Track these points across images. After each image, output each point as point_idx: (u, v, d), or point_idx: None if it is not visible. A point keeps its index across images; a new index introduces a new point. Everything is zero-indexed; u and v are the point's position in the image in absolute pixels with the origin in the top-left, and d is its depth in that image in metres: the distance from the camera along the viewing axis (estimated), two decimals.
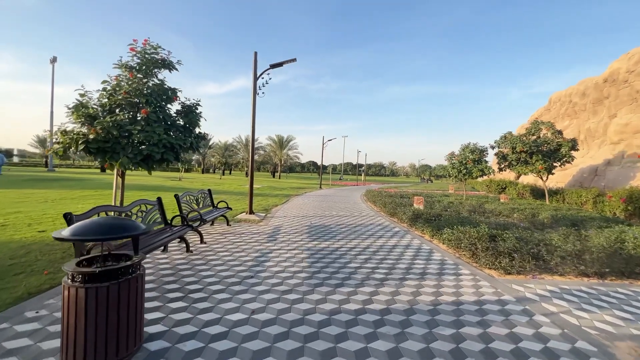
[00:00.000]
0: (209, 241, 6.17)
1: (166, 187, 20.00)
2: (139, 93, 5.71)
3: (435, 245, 6.63)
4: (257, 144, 63.71)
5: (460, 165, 16.23)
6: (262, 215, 9.89)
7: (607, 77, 21.02)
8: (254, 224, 8.36)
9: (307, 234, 7.32)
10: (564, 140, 15.47)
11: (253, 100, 9.58)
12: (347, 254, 5.62)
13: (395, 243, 6.70)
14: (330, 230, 7.85)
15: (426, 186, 45.31)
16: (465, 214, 11.05)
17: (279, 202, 14.33)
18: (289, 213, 10.85)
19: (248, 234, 7.00)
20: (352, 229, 8.26)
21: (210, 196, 8.06)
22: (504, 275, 4.72)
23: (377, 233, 7.76)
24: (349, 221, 9.53)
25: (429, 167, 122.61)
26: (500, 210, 12.86)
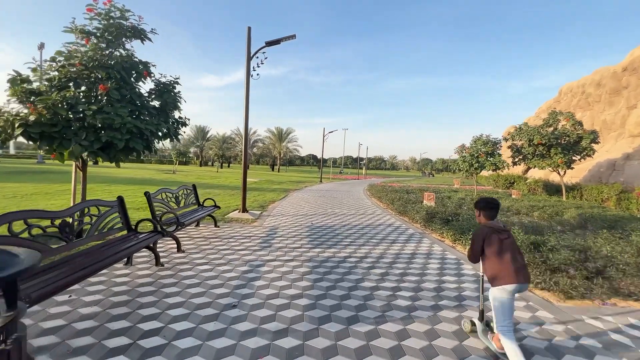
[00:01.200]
0: (188, 249, 5.07)
1: (156, 181, 18.86)
2: (98, 65, 4.54)
3: (461, 254, 5.54)
4: (256, 137, 62.41)
5: (472, 158, 15.09)
6: (256, 213, 8.79)
7: (627, 65, 19.75)
8: (246, 225, 7.27)
9: (307, 238, 6.23)
10: (584, 132, 14.32)
11: (246, 82, 8.39)
12: (357, 267, 4.53)
13: (413, 250, 5.62)
14: (334, 233, 6.76)
15: (429, 180, 44.24)
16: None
17: (277, 197, 13.23)
18: (287, 211, 9.75)
19: (238, 239, 5.90)
20: (359, 230, 7.17)
21: (195, 193, 6.94)
22: (564, 300, 3.63)
23: (389, 237, 6.67)
24: (355, 221, 8.44)
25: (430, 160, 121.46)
26: (518, 207, 11.79)
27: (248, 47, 8.36)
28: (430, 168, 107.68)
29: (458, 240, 6.21)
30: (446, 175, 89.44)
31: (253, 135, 61.65)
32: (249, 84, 8.41)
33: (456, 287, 3.93)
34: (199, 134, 69.23)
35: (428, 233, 7.27)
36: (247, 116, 8.44)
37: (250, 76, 8.45)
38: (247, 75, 8.37)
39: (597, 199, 14.33)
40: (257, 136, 62.47)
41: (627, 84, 19.83)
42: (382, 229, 7.44)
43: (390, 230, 7.41)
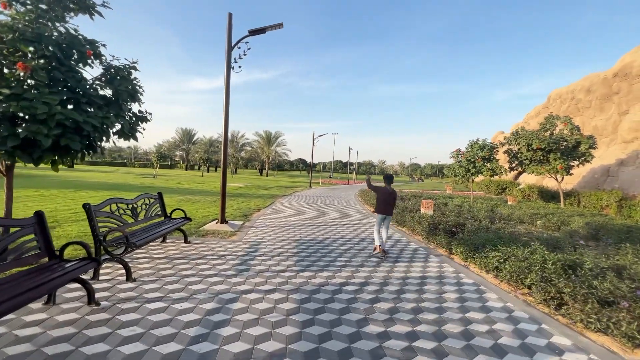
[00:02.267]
0: (144, 275, 3.99)
1: (132, 186, 17.46)
2: (21, 38, 3.47)
3: (479, 277, 4.65)
4: (244, 140, 61.07)
5: (469, 163, 14.44)
6: (237, 224, 7.73)
7: (618, 71, 19.70)
8: (223, 240, 6.21)
9: (295, 257, 5.23)
10: (582, 137, 13.89)
11: (226, 75, 7.38)
12: (357, 300, 3.56)
13: (421, 272, 4.70)
14: (326, 250, 5.78)
15: (419, 185, 43.87)
16: (484, 221, 9.21)
17: (263, 204, 12.16)
18: (273, 220, 8.72)
19: (210, 259, 4.85)
20: (355, 246, 6.21)
21: (161, 202, 5.84)
22: (631, 350, 2.77)
23: (390, 253, 5.74)
24: (350, 233, 7.49)
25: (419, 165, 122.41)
26: (520, 215, 11.12)
27: (229, 36, 7.37)
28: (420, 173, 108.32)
29: (470, 259, 5.33)
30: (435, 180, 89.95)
31: (241, 138, 60.31)
32: (229, 76, 7.41)
33: (488, 329, 3.01)
34: (184, 137, 67.31)
35: (433, 248, 6.39)
36: (227, 112, 7.43)
37: (232, 68, 7.46)
38: (228, 68, 7.37)
39: (596, 206, 13.88)
40: (245, 140, 61.13)
41: (618, 90, 19.78)
42: None
43: (390, 244, 6.49)
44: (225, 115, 7.42)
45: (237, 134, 59.99)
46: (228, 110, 7.45)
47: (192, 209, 9.83)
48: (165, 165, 77.29)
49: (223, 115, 7.42)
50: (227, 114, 7.43)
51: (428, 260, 5.42)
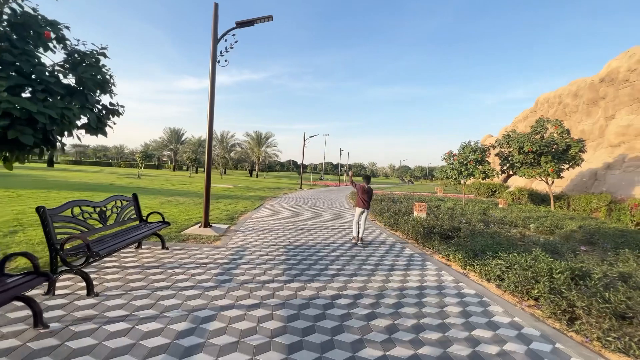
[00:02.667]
0: (109, 288, 3.52)
1: (113, 187, 16.68)
2: None
3: (480, 287, 4.33)
4: (234, 141, 60.14)
5: (461, 165, 14.30)
6: (222, 228, 7.25)
7: (605, 76, 20.04)
8: (206, 245, 5.74)
9: (282, 265, 4.81)
10: (573, 140, 13.94)
11: (211, 69, 6.93)
12: (351, 317, 3.18)
13: (418, 282, 4.35)
14: (317, 257, 5.38)
15: (410, 187, 43.97)
16: (478, 224, 9.00)
17: (251, 207, 11.68)
18: (261, 224, 8.27)
19: (189, 268, 4.39)
20: (347, 252, 5.84)
21: (136, 205, 5.33)
22: None
23: (384, 260, 5.39)
24: (341, 237, 7.11)
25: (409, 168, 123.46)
26: (513, 219, 10.98)
27: (214, 28, 6.92)
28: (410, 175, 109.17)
29: (470, 266, 5.03)
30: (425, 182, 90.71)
31: (230, 139, 59.36)
32: (214, 71, 6.96)
33: (499, 350, 2.67)
34: (172, 137, 65.84)
35: (429, 254, 6.07)
36: (211, 108, 6.96)
37: (217, 62, 7.01)
38: (213, 61, 6.92)
39: (586, 209, 13.93)
40: (234, 140, 60.17)
41: (605, 95, 20.11)
42: (375, 249, 6.16)
43: (385, 250, 6.14)
44: (209, 111, 6.95)
45: (227, 134, 59.06)
46: (213, 106, 6.99)
47: (175, 212, 9.28)
48: (152, 166, 75.49)
49: (207, 111, 6.96)
50: (211, 110, 6.97)
51: (425, 267, 5.08)
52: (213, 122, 7.05)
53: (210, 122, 7.00)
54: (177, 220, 7.84)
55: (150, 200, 11.43)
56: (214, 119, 7.05)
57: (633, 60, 18.04)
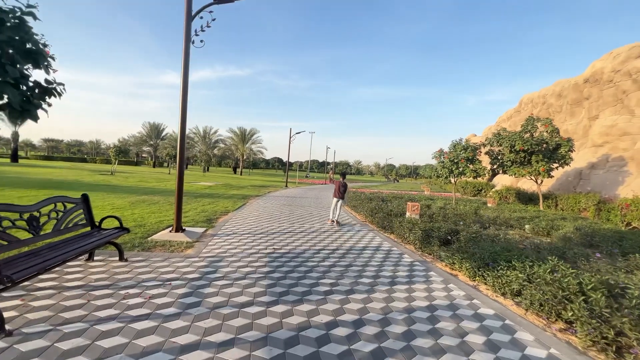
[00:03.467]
0: (30, 322, 2.65)
1: (80, 184, 15.30)
2: None
3: (498, 304, 3.73)
4: (217, 137, 58.31)
5: (452, 164, 13.91)
6: (197, 232, 6.39)
7: (589, 77, 20.26)
8: (175, 254, 4.88)
9: (265, 279, 4.05)
10: (562, 139, 13.82)
11: (185, 50, 6.03)
12: (352, 355, 2.47)
13: (426, 299, 3.70)
14: (305, 268, 4.64)
15: (396, 186, 43.90)
16: (474, 225, 8.53)
17: (232, 207, 10.79)
18: (242, 227, 7.44)
19: (149, 287, 3.55)
20: (339, 261, 5.13)
21: (87, 208, 4.40)
22: None
23: (383, 271, 4.71)
24: (332, 242, 6.40)
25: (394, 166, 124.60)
26: (506, 219, 10.63)
27: (188, 2, 6.01)
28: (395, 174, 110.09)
29: (479, 277, 4.43)
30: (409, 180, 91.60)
31: (214, 135, 57.50)
32: (188, 51, 6.05)
33: None
34: (152, 132, 63.16)
35: (430, 261, 5.45)
36: (185, 94, 6.06)
37: (191, 42, 6.10)
38: (187, 41, 6.01)
39: (574, 209, 13.87)
40: (218, 136, 58.33)
41: (589, 95, 20.34)
42: (370, 256, 5.48)
43: (381, 257, 5.48)
44: (182, 100, 6.05)
45: (210, 130, 57.15)
46: (186, 94, 6.08)
47: (145, 213, 8.29)
48: (130, 162, 72.32)
49: (180, 98, 6.05)
50: (184, 98, 6.06)
51: (429, 279, 4.45)
52: (186, 112, 6.16)
53: (183, 111, 6.09)
54: (145, 224, 6.89)
55: (119, 200, 10.33)
56: (187, 108, 6.15)
57: (617, 61, 18.25)
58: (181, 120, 6.10)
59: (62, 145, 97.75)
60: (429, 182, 55.48)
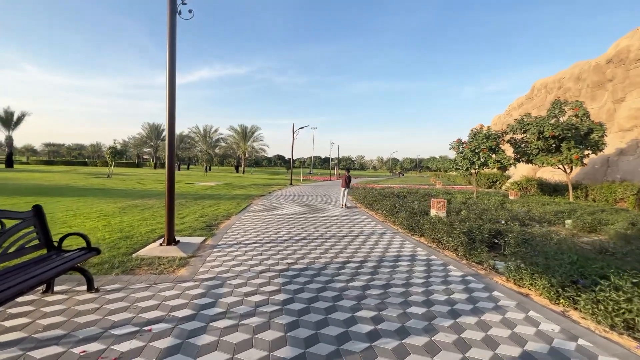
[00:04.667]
0: None
1: (72, 189, 14.30)
2: None
3: (618, 346, 2.61)
4: (218, 135, 57.30)
5: (473, 155, 12.72)
6: (194, 243, 5.32)
7: (613, 57, 18.87)
8: (163, 278, 3.81)
9: (281, 315, 2.96)
10: (594, 123, 12.58)
11: (169, 22, 4.91)
12: None
13: (514, 344, 2.59)
14: (331, 292, 3.55)
15: (402, 180, 42.69)
16: (511, 223, 7.43)
17: (235, 209, 9.72)
18: (247, 234, 6.37)
19: (118, 336, 2.48)
20: (372, 279, 4.03)
21: (41, 224, 3.32)
22: None
23: (433, 293, 3.61)
24: (356, 251, 5.30)
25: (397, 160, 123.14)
26: (541, 214, 9.49)
27: None
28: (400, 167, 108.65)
29: (566, 299, 3.32)
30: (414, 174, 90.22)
31: (214, 133, 56.48)
32: (174, 26, 4.94)
33: None
34: (152, 133, 62.33)
35: (484, 274, 4.34)
36: (172, 76, 4.96)
37: (177, 13, 4.98)
38: (172, 11, 4.89)
39: (609, 199, 12.67)
40: (219, 135, 57.32)
41: (613, 77, 18.97)
42: (408, 270, 4.38)
43: (422, 270, 4.37)
44: (169, 83, 4.93)
45: (210, 129, 56.09)
46: (174, 76, 4.97)
47: (136, 220, 7.25)
48: (131, 164, 71.64)
49: (166, 82, 4.94)
50: (172, 80, 4.95)
51: (498, 303, 3.34)
52: (174, 98, 5.05)
53: (171, 97, 4.98)
54: (133, 235, 5.85)
55: (109, 206, 9.30)
56: (175, 94, 5.04)
57: None
58: (169, 109, 4.99)
59: (63, 150, 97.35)
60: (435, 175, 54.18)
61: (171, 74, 4.93)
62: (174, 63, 4.97)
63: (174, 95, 5.00)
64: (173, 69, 4.95)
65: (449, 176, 45.76)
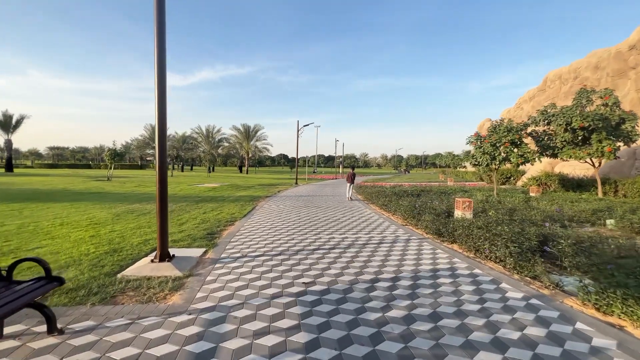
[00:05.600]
0: None
1: (66, 193, 13.63)
2: None
3: None
4: (221, 135, 56.69)
5: (494, 149, 11.80)
6: (192, 258, 4.53)
7: (636, 43, 17.76)
8: (150, 309, 3.02)
9: None
10: (627, 113, 11.59)
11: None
12: None
13: None
14: (367, 329, 2.71)
15: (410, 177, 41.71)
16: (545, 222, 6.57)
17: (240, 213, 8.94)
18: (254, 244, 5.57)
19: None
20: (413, 304, 3.19)
21: None
22: None
23: (496, 324, 2.77)
24: (383, 264, 4.47)
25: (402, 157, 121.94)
26: (576, 214, 8.57)
27: None
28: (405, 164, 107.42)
29: None
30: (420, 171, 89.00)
31: (217, 133, 55.87)
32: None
33: None
34: (154, 134, 61.79)
35: (549, 294, 3.48)
36: (161, 66, 4.15)
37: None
38: None
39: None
40: (222, 135, 56.68)
41: (636, 64, 17.86)
42: (453, 291, 3.54)
43: (471, 290, 3.53)
44: (158, 57, 4.13)
45: (213, 129, 55.47)
46: (163, 59, 4.17)
47: (128, 229, 6.49)
48: (135, 166, 71.40)
49: (155, 79, 4.14)
50: (161, 69, 4.15)
51: (589, 341, 2.49)
52: (165, 94, 4.25)
53: (162, 94, 4.18)
54: (122, 247, 5.07)
55: (103, 212, 8.56)
56: (165, 84, 4.24)
57: None
58: (159, 100, 4.18)
59: (67, 153, 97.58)
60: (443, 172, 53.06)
61: (160, 58, 4.12)
62: (164, 45, 4.16)
63: (164, 83, 4.19)
64: (162, 54, 4.14)
65: (458, 172, 44.67)
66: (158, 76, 4.14)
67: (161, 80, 4.15)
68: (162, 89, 4.18)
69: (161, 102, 4.18)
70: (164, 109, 4.24)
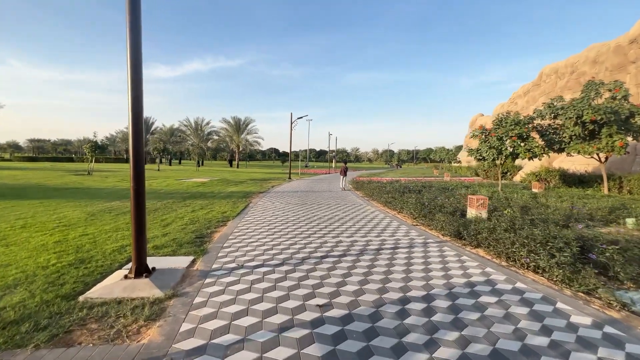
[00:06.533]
0: None
1: (40, 189, 12.44)
2: None
3: None
4: (210, 128, 54.99)
5: (501, 144, 11.24)
6: (177, 270, 3.71)
7: (637, 36, 17.47)
8: (118, 349, 2.21)
9: None
10: (636, 106, 11.17)
11: None
12: None
13: None
14: None
15: (403, 172, 41.33)
16: (559, 220, 6.00)
17: (232, 211, 8.10)
18: (250, 250, 4.77)
19: None
20: (457, 336, 2.48)
21: None
22: None
23: None
24: (403, 275, 3.75)
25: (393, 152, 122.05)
26: (589, 211, 8.08)
27: None
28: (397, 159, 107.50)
29: None
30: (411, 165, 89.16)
31: (206, 126, 54.16)
32: None
33: None
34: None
35: (623, 320, 2.84)
36: (134, 44, 3.28)
37: None
38: None
39: None
40: (211, 128, 54.97)
41: (636, 58, 17.61)
42: (502, 314, 2.86)
43: (526, 315, 2.86)
44: (129, 37, 3.25)
45: (202, 122, 53.71)
46: (137, 34, 3.29)
47: (103, 232, 5.59)
48: (120, 159, 68.90)
49: (127, 58, 3.26)
50: (134, 48, 3.27)
51: None
52: (140, 78, 3.37)
53: (138, 78, 3.30)
54: (92, 257, 4.21)
55: (76, 210, 7.59)
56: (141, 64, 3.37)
57: None
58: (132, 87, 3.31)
59: (48, 145, 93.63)
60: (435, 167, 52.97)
61: (133, 24, 3.24)
62: (138, 13, 3.27)
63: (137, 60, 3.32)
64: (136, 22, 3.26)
65: (451, 167, 44.59)
66: (131, 42, 3.26)
67: (135, 48, 3.27)
68: (136, 57, 3.30)
69: (135, 71, 3.31)
70: (139, 78, 3.37)
